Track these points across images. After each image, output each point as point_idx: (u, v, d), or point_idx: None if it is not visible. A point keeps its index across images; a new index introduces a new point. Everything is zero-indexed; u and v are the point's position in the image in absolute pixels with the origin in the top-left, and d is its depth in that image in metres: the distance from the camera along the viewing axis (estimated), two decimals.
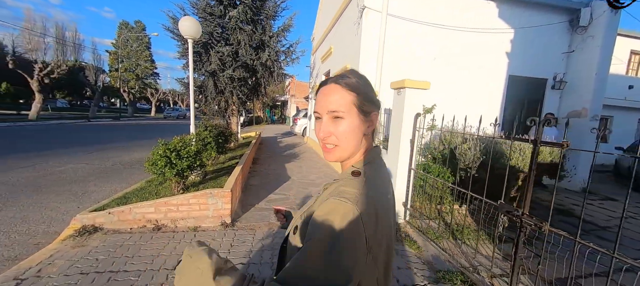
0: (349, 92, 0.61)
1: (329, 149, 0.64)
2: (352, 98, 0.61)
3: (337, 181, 0.64)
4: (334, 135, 0.62)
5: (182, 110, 33.39)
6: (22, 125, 13.25)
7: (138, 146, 8.93)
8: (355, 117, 0.62)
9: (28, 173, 5.04)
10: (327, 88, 0.63)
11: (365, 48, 5.31)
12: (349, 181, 0.59)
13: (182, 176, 3.45)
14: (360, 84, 0.64)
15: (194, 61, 7.88)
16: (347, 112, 0.61)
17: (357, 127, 0.62)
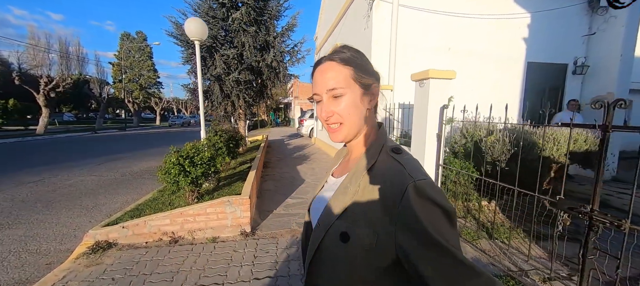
0: (346, 66, 0.58)
1: (333, 129, 0.60)
2: (350, 72, 0.58)
3: (376, 165, 0.56)
4: (337, 113, 0.58)
5: (187, 117, 33.50)
6: (29, 140, 13.29)
7: (146, 156, 8.82)
8: (356, 92, 0.58)
9: (37, 187, 4.93)
10: (322, 66, 0.59)
11: (377, 41, 5.09)
12: (405, 157, 0.55)
13: (197, 184, 3.27)
14: (356, 57, 0.60)
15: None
16: (347, 88, 0.57)
17: (359, 101, 0.59)
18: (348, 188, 0.56)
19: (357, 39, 6.16)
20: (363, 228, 0.51)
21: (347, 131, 0.60)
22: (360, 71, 0.59)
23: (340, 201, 0.56)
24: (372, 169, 0.55)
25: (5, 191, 4.64)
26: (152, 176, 6.00)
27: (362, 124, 0.60)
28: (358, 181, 0.55)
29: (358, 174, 0.57)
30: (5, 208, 3.90)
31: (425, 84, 3.23)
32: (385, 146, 0.58)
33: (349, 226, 0.52)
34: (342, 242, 0.52)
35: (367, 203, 0.52)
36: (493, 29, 5.55)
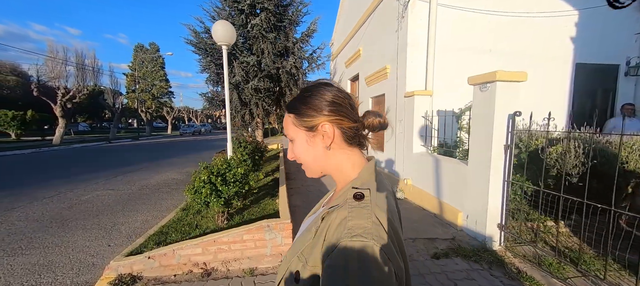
0: (288, 114, 0.62)
1: (303, 168, 0.64)
2: (291, 119, 0.61)
3: (335, 208, 0.53)
4: (296, 156, 0.63)
5: (197, 126, 33.68)
6: (46, 150, 13.33)
7: (161, 167, 8.58)
8: (301, 135, 0.60)
9: (53, 203, 4.65)
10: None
11: (413, 44, 4.69)
12: (355, 209, 0.49)
13: (229, 205, 2.90)
14: (295, 101, 0.61)
15: (216, 73, 7.54)
16: (294, 134, 0.61)
17: (306, 144, 0.60)
18: (311, 228, 0.56)
19: (385, 43, 5.78)
20: (309, 271, 0.50)
21: (308, 170, 0.63)
22: (300, 115, 0.59)
23: (302, 240, 0.56)
24: (331, 213, 0.53)
25: (20, 209, 4.38)
26: (170, 190, 5.70)
27: (323, 163, 0.61)
28: (318, 223, 0.54)
29: (321, 215, 0.55)
30: (19, 228, 3.61)
31: (490, 88, 2.80)
32: (351, 189, 0.54)
33: (301, 266, 0.52)
34: (295, 281, 0.52)
35: (316, 247, 0.50)
36: (537, 29, 5.09)
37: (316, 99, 0.58)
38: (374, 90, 6.63)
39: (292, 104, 0.60)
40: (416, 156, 4.47)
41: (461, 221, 3.28)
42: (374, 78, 6.41)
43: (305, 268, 0.50)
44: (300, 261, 0.52)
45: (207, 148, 15.16)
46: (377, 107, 6.66)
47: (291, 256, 0.56)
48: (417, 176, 4.44)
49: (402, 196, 4.62)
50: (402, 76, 4.89)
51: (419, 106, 4.48)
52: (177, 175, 7.29)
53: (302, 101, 0.59)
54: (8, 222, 3.80)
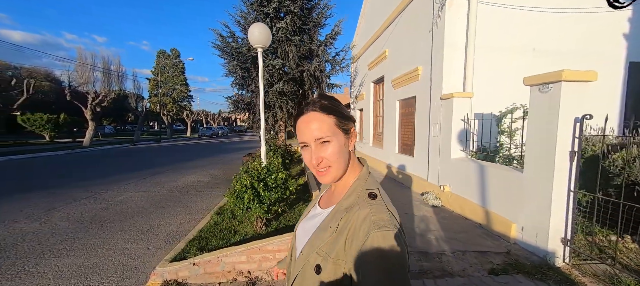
0: (329, 115, 0.63)
1: (322, 172, 0.65)
2: (333, 120, 0.63)
3: (352, 208, 0.61)
4: (326, 158, 0.64)
5: (215, 129, 34.48)
6: (77, 152, 14.00)
7: (186, 169, 8.72)
8: (340, 137, 0.64)
9: (90, 204, 4.78)
10: (307, 117, 0.64)
11: (451, 44, 4.47)
12: (375, 206, 0.60)
13: (270, 211, 2.81)
14: (335, 105, 0.66)
15: (242, 76, 7.60)
16: (332, 135, 0.63)
17: (344, 146, 0.65)
18: (328, 226, 0.62)
19: (417, 43, 5.58)
20: (332, 263, 0.57)
21: (335, 173, 0.65)
22: (341, 118, 0.65)
23: (320, 237, 0.62)
24: (349, 211, 0.61)
25: (61, 209, 4.52)
26: (198, 193, 5.73)
27: (346, 165, 0.67)
28: (337, 221, 0.61)
29: (338, 214, 0.63)
30: (62, 228, 3.70)
31: (552, 89, 2.56)
32: (364, 190, 0.64)
33: (322, 260, 0.59)
34: (316, 274, 0.59)
35: (339, 242, 0.58)
36: (585, 26, 4.73)
37: (343, 108, 0.67)
38: (402, 92, 6.42)
39: (333, 107, 0.65)
40: (455, 162, 4.23)
41: (514, 234, 3.03)
42: (403, 80, 6.21)
43: (327, 261, 0.58)
44: (320, 256, 0.59)
45: (227, 150, 15.38)
46: (405, 110, 6.44)
47: (308, 253, 0.62)
48: (456, 183, 4.20)
49: (438, 203, 4.38)
50: (438, 78, 4.68)
51: (458, 109, 4.25)
52: (203, 177, 7.37)
53: (337, 106, 0.66)
54: (51, 222, 3.91)
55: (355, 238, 0.55)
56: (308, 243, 0.65)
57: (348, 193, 0.65)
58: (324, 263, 0.58)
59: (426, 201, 4.56)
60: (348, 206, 0.62)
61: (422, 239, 3.23)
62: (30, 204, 4.72)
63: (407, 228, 3.58)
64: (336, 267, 0.57)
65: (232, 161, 10.64)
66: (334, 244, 0.59)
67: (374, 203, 0.60)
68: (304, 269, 0.62)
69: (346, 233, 0.58)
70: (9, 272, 2.62)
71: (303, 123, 0.64)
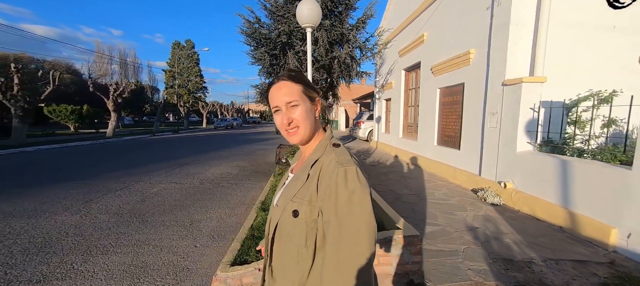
0: (296, 83, 0.75)
1: (291, 133, 0.76)
2: (300, 88, 0.75)
3: (320, 158, 0.75)
4: (295, 119, 0.75)
5: (229, 120, 34.59)
6: (101, 142, 14.24)
7: (211, 159, 8.59)
8: (306, 103, 0.76)
9: (125, 196, 4.65)
10: (278, 84, 0.76)
11: (518, 22, 3.94)
12: (338, 151, 0.74)
13: None
14: (302, 76, 0.79)
15: (271, 64, 7.26)
16: (300, 100, 0.74)
17: (309, 110, 0.77)
18: (299, 177, 0.75)
19: (468, 24, 5.04)
20: (307, 205, 0.69)
21: (302, 133, 0.76)
22: (307, 86, 0.77)
23: (294, 187, 0.74)
24: (317, 161, 0.74)
25: (98, 200, 4.40)
26: (230, 185, 5.53)
27: (313, 129, 0.79)
28: (307, 170, 0.74)
29: (307, 165, 0.75)
30: (102, 221, 3.55)
31: None
32: (329, 143, 0.78)
33: (298, 205, 0.70)
34: (293, 217, 0.70)
35: (311, 186, 0.70)
36: None
37: (308, 79, 0.81)
38: (445, 79, 5.92)
39: (298, 77, 0.77)
40: (523, 156, 3.78)
41: (615, 240, 2.60)
42: (447, 66, 5.71)
43: (302, 205, 0.70)
44: (294, 202, 0.71)
45: (246, 141, 15.27)
46: (448, 98, 5.95)
47: (285, 203, 0.73)
48: (523, 180, 3.75)
49: (499, 202, 3.96)
50: (499, 61, 4.18)
51: (527, 96, 3.76)
52: (230, 169, 7.19)
53: (304, 77, 0.79)
54: (91, 215, 3.78)
55: (325, 178, 0.68)
56: (282, 195, 0.76)
57: (315, 149, 0.78)
58: (300, 207, 0.69)
59: (483, 198, 4.14)
60: (316, 157, 0.74)
61: (498, 243, 2.85)
62: (67, 195, 4.64)
63: (468, 228, 3.20)
64: (311, 208, 0.69)
65: (254, 152, 10.46)
66: (306, 189, 0.70)
67: (337, 150, 0.75)
68: (282, 216, 0.72)
69: (317, 177, 0.70)
70: (59, 270, 2.45)
71: (275, 90, 0.76)
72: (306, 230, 0.68)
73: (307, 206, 0.68)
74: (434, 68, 6.28)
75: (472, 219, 3.47)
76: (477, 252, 2.68)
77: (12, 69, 11.37)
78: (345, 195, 0.63)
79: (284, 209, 0.72)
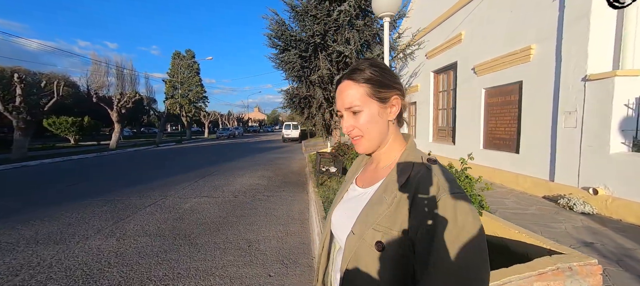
0: (361, 84, 0.61)
1: (355, 141, 0.65)
2: (365, 90, 0.61)
3: (411, 175, 0.57)
4: (357, 127, 0.63)
5: (232, 129, 34.08)
6: (106, 154, 13.60)
7: (231, 170, 8.07)
8: (373, 107, 0.62)
9: (158, 214, 4.12)
10: (341, 86, 0.64)
11: (597, 11, 3.60)
12: (439, 171, 0.56)
13: None
14: (373, 72, 0.62)
15: (302, 67, 6.86)
16: (363, 104, 0.61)
17: (377, 115, 0.62)
18: (383, 199, 0.57)
19: (526, 18, 4.71)
20: (398, 237, 0.52)
21: (366, 143, 0.64)
22: (376, 86, 0.61)
23: (376, 211, 0.57)
24: (408, 180, 0.56)
25: (130, 220, 3.86)
26: (268, 197, 5.04)
27: (384, 136, 0.64)
28: (393, 191, 0.56)
29: (393, 184, 0.58)
30: (145, 245, 3.02)
31: None
32: (420, 156, 0.60)
33: (383, 235, 0.53)
34: (377, 251, 0.53)
35: (402, 212, 0.53)
36: None
37: (390, 74, 0.63)
38: (494, 78, 5.56)
39: (366, 75, 0.61)
40: (620, 158, 3.36)
41: None
42: (497, 64, 5.35)
43: (389, 236, 0.53)
44: (378, 231, 0.54)
45: (257, 150, 14.78)
46: (497, 99, 5.58)
47: (363, 231, 0.56)
48: (621, 184, 3.33)
49: (591, 210, 3.52)
50: (577, 55, 3.81)
51: (620, 91, 3.38)
52: (257, 179, 6.68)
53: (379, 73, 0.61)
54: (129, 238, 3.24)
55: (424, 205, 0.51)
56: (359, 221, 0.59)
57: (401, 162, 0.61)
58: (386, 238, 0.53)
59: (568, 206, 3.70)
60: (405, 175, 0.57)
61: (632, 261, 2.39)
62: (92, 215, 4.09)
63: (581, 244, 2.75)
64: (401, 240, 0.52)
65: (273, 162, 9.97)
66: (394, 216, 0.54)
67: (437, 169, 0.56)
68: (358, 250, 0.56)
69: (410, 201, 0.53)
70: None
71: (338, 92, 0.65)
72: (393, 270, 0.53)
73: (397, 238, 0.52)
74: (477, 68, 5.92)
75: (575, 233, 3.01)
76: (619, 274, 2.22)
77: (15, 80, 10.82)
78: (457, 240, 0.47)
79: (362, 240, 0.56)
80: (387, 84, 0.61)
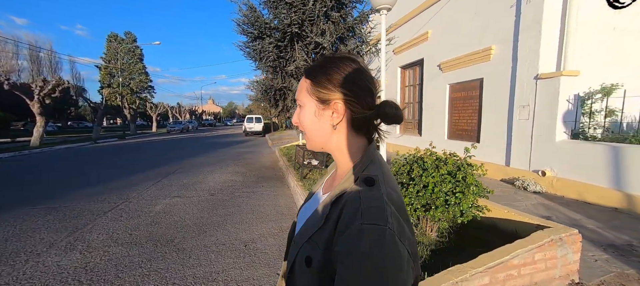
0: (305, 79, 0.58)
1: (305, 138, 0.61)
2: (307, 85, 0.56)
3: (344, 194, 0.51)
4: (300, 124, 0.60)
5: (185, 123, 31.30)
6: (29, 154, 11.28)
7: (196, 167, 7.45)
8: (312, 105, 0.56)
9: (125, 219, 3.58)
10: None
11: (548, 19, 4.19)
12: (369, 193, 0.48)
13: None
14: (321, 67, 0.56)
15: (278, 57, 6.57)
16: (305, 100, 0.57)
17: (314, 115, 0.56)
18: (320, 213, 0.54)
19: (488, 21, 5.25)
20: (320, 254, 0.49)
21: (311, 142, 0.60)
22: (317, 84, 0.55)
23: (312, 224, 0.55)
24: (341, 197, 0.52)
25: (90, 229, 3.28)
26: (247, 194, 4.80)
27: (326, 140, 0.58)
28: (327, 208, 0.53)
29: (329, 200, 0.54)
30: (120, 256, 2.60)
31: None
32: (363, 173, 0.52)
33: (312, 250, 0.51)
34: (306, 266, 0.51)
35: (329, 231, 0.49)
36: None
37: (338, 73, 0.54)
38: (457, 76, 6.12)
39: (312, 70, 0.57)
40: (563, 145, 4.02)
41: None
42: (461, 62, 5.89)
43: (316, 252, 0.50)
44: (310, 245, 0.52)
45: (219, 145, 13.89)
46: (460, 93, 6.16)
47: (301, 241, 0.54)
48: (564, 167, 3.99)
49: (540, 189, 4.16)
50: (530, 56, 4.40)
51: (564, 89, 4.02)
52: (230, 176, 6.30)
53: (323, 70, 0.55)
54: (96, 249, 2.75)
55: (341, 228, 0.47)
56: (299, 232, 0.58)
57: (346, 178, 0.54)
58: (314, 253, 0.50)
59: (523, 187, 4.31)
60: (340, 192, 0.52)
61: (584, 230, 2.91)
62: (36, 226, 3.37)
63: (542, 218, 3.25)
64: (324, 259, 0.48)
65: (240, 157, 9.49)
66: (323, 233, 0.51)
67: (368, 189, 0.49)
68: (296, 259, 0.54)
69: (336, 222, 0.49)
70: None
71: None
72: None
73: (322, 256, 0.49)
74: (443, 64, 6.44)
75: (534, 209, 3.53)
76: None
77: None
78: (354, 264, 0.42)
79: (298, 251, 0.54)
80: (325, 84, 0.54)
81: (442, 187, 1.99)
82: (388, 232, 0.43)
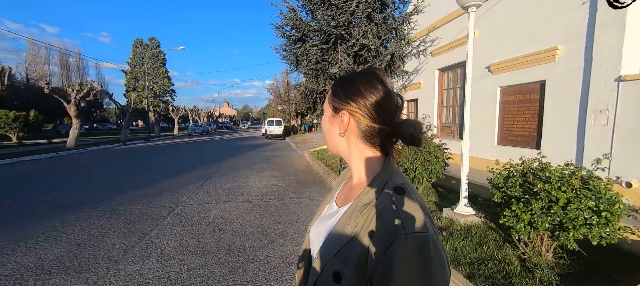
0: (331, 89, 0.62)
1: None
2: (329, 93, 0.62)
3: (373, 203, 0.51)
4: (322, 126, 0.65)
5: (205, 125, 31.97)
6: (66, 154, 11.73)
7: (231, 170, 7.41)
8: (329, 112, 0.62)
9: (188, 225, 3.51)
10: None
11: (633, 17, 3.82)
12: (403, 201, 0.49)
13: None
14: (343, 79, 0.61)
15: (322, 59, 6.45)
16: (326, 106, 0.63)
17: (328, 122, 0.62)
18: (347, 225, 0.53)
19: (551, 19, 4.90)
20: (353, 270, 0.48)
21: (327, 143, 0.65)
22: (333, 94, 0.60)
23: (338, 237, 0.53)
24: (370, 209, 0.51)
25: (159, 235, 3.21)
26: (295, 200, 4.66)
27: (338, 145, 0.61)
28: (356, 219, 0.52)
29: (357, 211, 0.53)
30: (199, 266, 2.49)
31: None
32: (388, 183, 0.53)
33: (342, 266, 0.50)
34: (334, 282, 0.49)
35: (361, 244, 0.49)
36: None
37: (352, 87, 0.57)
38: (511, 77, 5.76)
39: (337, 80, 0.62)
40: None
41: None
42: (517, 63, 5.55)
43: (346, 267, 0.49)
44: (338, 260, 0.50)
45: (243, 148, 13.97)
46: (514, 97, 5.80)
47: (327, 256, 0.53)
48: None
49: (625, 202, 3.76)
50: (609, 56, 4.04)
51: None
52: (269, 180, 6.19)
53: (343, 82, 0.60)
54: (169, 256, 2.66)
55: (380, 239, 0.46)
56: (324, 246, 0.56)
57: (368, 188, 0.55)
58: (344, 269, 0.49)
59: None
60: (368, 201, 0.52)
61: None
62: (100, 230, 3.35)
63: None
64: (358, 274, 0.48)
65: (270, 160, 9.42)
66: (353, 247, 0.50)
67: (401, 198, 0.50)
68: (320, 277, 0.53)
69: (368, 233, 0.49)
70: None
71: None
72: None
73: (354, 271, 0.47)
74: (493, 66, 6.10)
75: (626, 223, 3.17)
76: None
77: None
78: (405, 275, 0.42)
79: (323, 268, 0.51)
80: (339, 95, 0.58)
81: (580, 204, 1.74)
82: (431, 240, 0.45)
